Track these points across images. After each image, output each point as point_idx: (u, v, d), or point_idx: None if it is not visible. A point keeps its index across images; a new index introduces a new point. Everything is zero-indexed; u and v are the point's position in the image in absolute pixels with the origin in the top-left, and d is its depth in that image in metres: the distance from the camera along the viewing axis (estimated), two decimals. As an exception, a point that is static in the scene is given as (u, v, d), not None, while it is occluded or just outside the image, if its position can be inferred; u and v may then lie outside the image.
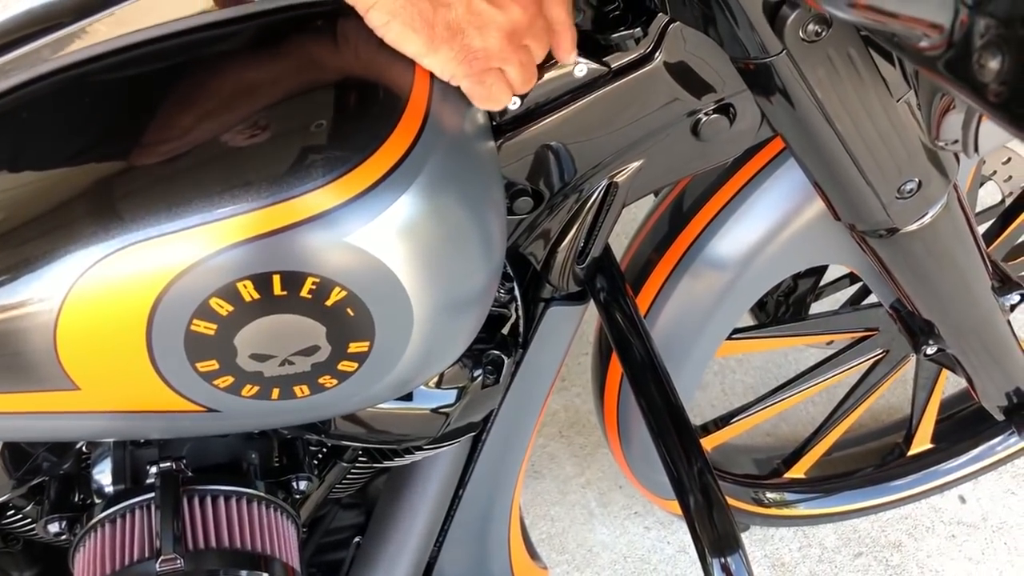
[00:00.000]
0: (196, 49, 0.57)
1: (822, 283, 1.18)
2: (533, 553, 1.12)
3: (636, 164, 0.74)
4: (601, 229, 0.77)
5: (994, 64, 0.30)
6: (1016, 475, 1.41)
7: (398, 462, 0.82)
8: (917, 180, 0.65)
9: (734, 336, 1.03)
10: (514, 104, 0.67)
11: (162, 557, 0.62)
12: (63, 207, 0.52)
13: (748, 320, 1.16)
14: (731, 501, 1.20)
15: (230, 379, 0.56)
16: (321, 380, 0.58)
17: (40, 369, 0.54)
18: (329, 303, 0.53)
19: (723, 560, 0.70)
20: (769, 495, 1.24)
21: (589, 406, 1.46)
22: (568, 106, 0.67)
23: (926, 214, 0.70)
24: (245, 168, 0.52)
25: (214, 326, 0.53)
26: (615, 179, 0.74)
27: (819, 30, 0.53)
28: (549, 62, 0.66)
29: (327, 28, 0.58)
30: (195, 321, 0.52)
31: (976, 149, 0.49)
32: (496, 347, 0.79)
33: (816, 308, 1.18)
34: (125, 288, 0.51)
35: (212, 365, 0.54)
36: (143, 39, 0.57)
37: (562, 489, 1.38)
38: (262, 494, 0.69)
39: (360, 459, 0.82)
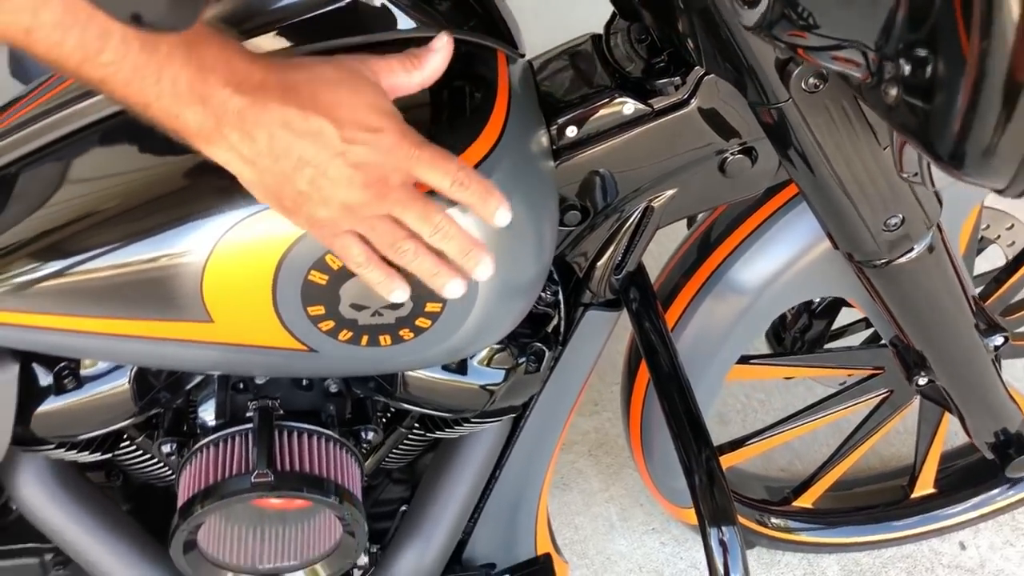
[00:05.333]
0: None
1: (842, 325, 1.29)
2: (556, 548, 1.23)
3: (671, 192, 0.87)
4: (637, 246, 0.91)
5: (893, 91, 0.43)
6: (1016, 528, 1.49)
7: (447, 433, 0.95)
8: (901, 216, 0.78)
9: (751, 361, 1.15)
10: (571, 132, 0.81)
11: (256, 471, 0.76)
12: (223, 176, 0.67)
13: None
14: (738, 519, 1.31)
15: (331, 323, 0.70)
16: (401, 332, 0.72)
17: (186, 302, 0.69)
18: (415, 267, 0.68)
19: (720, 530, 0.82)
20: (774, 520, 1.35)
21: (618, 430, 1.58)
22: (616, 137, 0.81)
23: (912, 249, 0.82)
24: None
25: (326, 277, 0.67)
26: (652, 203, 0.88)
27: (817, 83, 0.67)
28: (600, 101, 0.80)
29: None
30: (312, 272, 0.67)
31: (933, 182, 0.62)
32: (539, 341, 0.92)
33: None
34: (263, 242, 0.66)
35: (319, 310, 0.69)
36: None
37: (587, 502, 1.49)
38: (337, 436, 0.83)
39: (415, 427, 0.95)
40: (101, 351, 0.75)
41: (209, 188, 0.68)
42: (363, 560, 1.06)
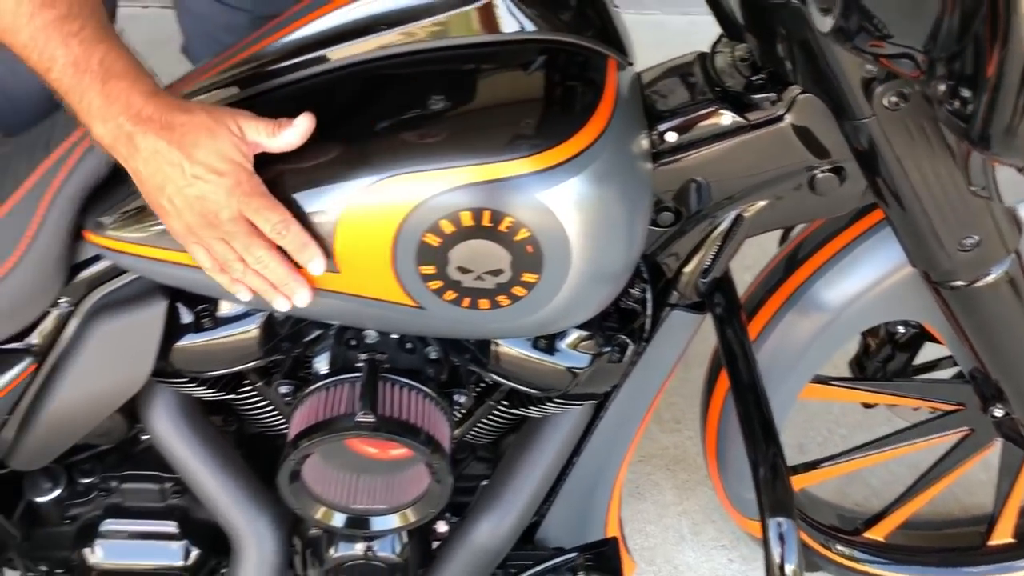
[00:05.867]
0: (456, 62, 0.82)
1: (928, 361, 1.31)
2: (626, 547, 1.29)
3: (762, 203, 0.93)
4: (725, 252, 0.97)
5: (941, 88, 0.50)
6: (1097, 590, 1.46)
7: (532, 412, 1.03)
8: (977, 237, 0.82)
9: (830, 382, 1.19)
10: (671, 138, 0.88)
11: (361, 412, 0.85)
12: (359, 147, 0.77)
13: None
14: (805, 538, 1.33)
15: (439, 283, 0.79)
16: (499, 298, 0.80)
17: (317, 253, 0.79)
18: (517, 239, 0.76)
19: (779, 522, 0.87)
20: (840, 547, 1.36)
21: (698, 448, 1.61)
22: (712, 146, 0.88)
23: (989, 273, 0.86)
24: (479, 138, 0.76)
25: (439, 240, 0.77)
26: (743, 213, 0.94)
27: (898, 102, 0.73)
28: (700, 111, 0.88)
29: (539, 58, 0.82)
30: (427, 234, 0.76)
31: (1000, 197, 0.67)
32: (625, 334, 0.99)
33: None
34: (389, 203, 0.76)
35: (430, 269, 0.78)
36: (408, 50, 0.83)
37: (660, 512, 1.54)
38: (433, 395, 0.92)
39: (503, 402, 1.03)
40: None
41: (347, 156, 0.78)
42: (443, 528, 1.14)
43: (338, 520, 0.96)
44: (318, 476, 0.95)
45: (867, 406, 1.34)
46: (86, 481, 1.11)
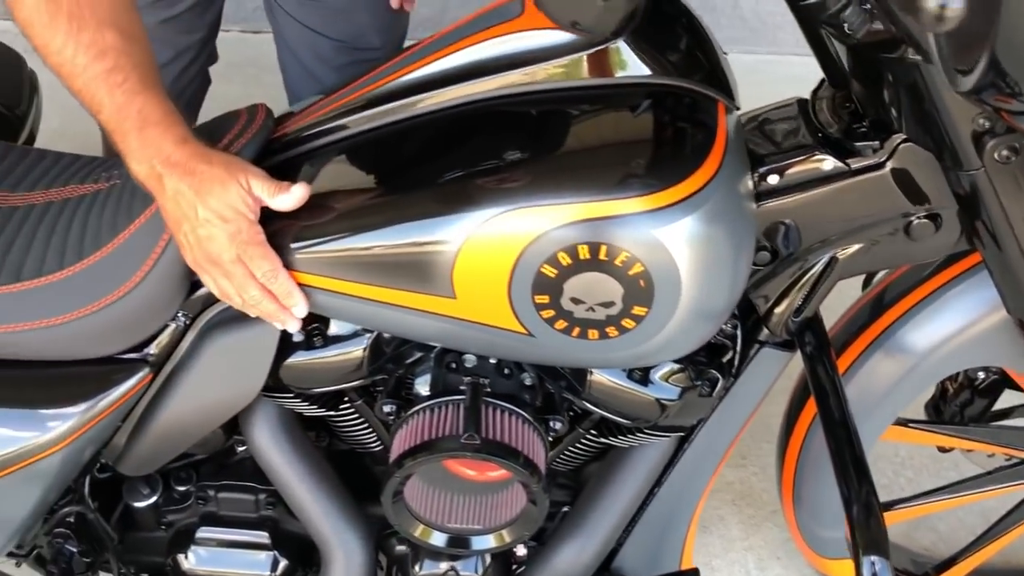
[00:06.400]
0: (576, 103, 0.86)
1: (1007, 407, 1.31)
2: (695, 579, 1.30)
3: (856, 246, 0.95)
4: (818, 293, 0.99)
5: None
6: None
7: (619, 441, 1.05)
8: (1078, 289, 0.84)
9: (909, 424, 1.20)
10: (772, 180, 0.91)
11: (466, 434, 0.89)
12: (484, 181, 0.81)
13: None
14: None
15: (551, 312, 0.82)
16: (608, 329, 0.83)
17: (437, 279, 0.83)
18: (631, 273, 0.80)
19: (872, 561, 0.88)
20: (910, 593, 1.37)
21: (764, 484, 1.63)
22: (812, 190, 0.91)
23: (1086, 324, 0.88)
24: (600, 176, 0.80)
25: (555, 271, 0.80)
26: (837, 255, 0.96)
27: (1009, 156, 0.75)
28: (801, 155, 0.90)
29: (656, 100, 0.86)
30: (544, 265, 0.80)
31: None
32: (715, 368, 1.02)
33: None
34: (510, 234, 0.80)
35: (544, 299, 0.82)
36: (528, 91, 0.87)
37: (726, 547, 1.55)
38: (532, 420, 0.95)
39: (592, 432, 1.05)
40: (356, 314, 0.90)
41: (471, 189, 0.82)
42: (521, 552, 1.17)
43: (437, 539, 0.99)
44: (418, 495, 0.98)
45: (942, 450, 1.34)
46: (182, 489, 1.15)
